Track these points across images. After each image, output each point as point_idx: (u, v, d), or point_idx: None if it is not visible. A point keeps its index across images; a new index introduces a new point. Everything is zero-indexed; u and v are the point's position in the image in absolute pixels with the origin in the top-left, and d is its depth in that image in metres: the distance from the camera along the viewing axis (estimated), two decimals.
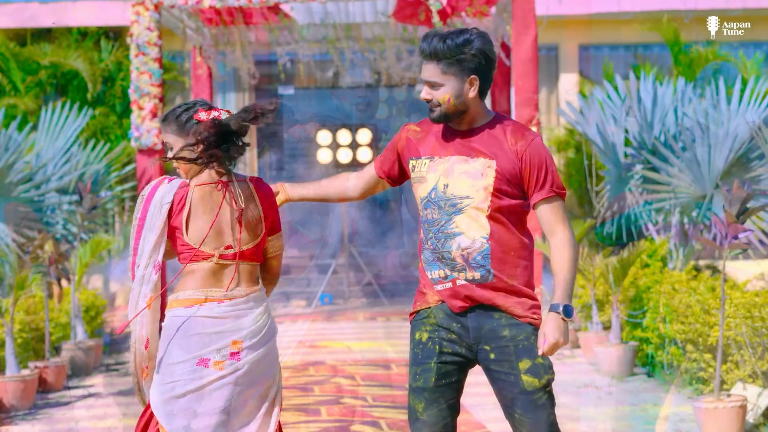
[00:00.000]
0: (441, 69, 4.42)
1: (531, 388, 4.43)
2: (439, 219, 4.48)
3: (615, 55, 21.20)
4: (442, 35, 4.42)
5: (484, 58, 4.43)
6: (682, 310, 8.84)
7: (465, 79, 4.43)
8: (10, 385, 9.05)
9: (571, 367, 10.75)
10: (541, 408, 4.44)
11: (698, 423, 7.59)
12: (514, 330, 4.45)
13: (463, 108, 4.47)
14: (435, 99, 4.46)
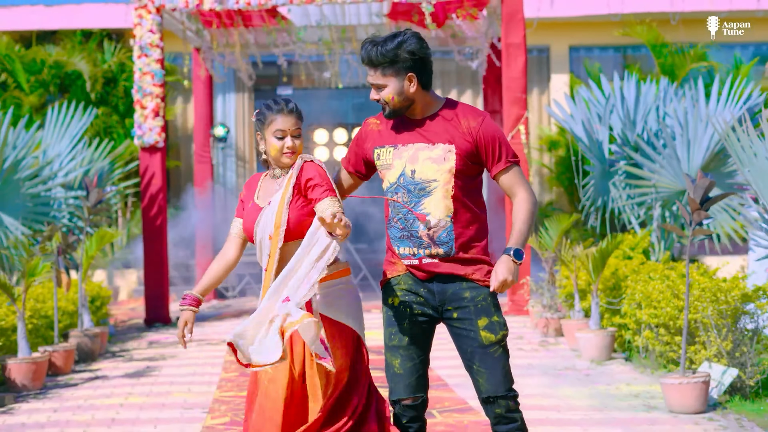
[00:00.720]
0: (380, 72, 5.01)
1: (488, 342, 5.02)
2: (409, 201, 5.04)
3: (604, 56, 21.73)
4: (377, 42, 4.99)
5: (418, 56, 4.99)
6: (655, 295, 9.37)
7: (403, 78, 5.00)
8: (22, 366, 9.60)
9: (554, 353, 11.28)
10: (497, 360, 5.03)
11: (665, 398, 8.13)
12: (474, 292, 5.04)
13: (408, 102, 5.04)
14: (382, 99, 5.04)
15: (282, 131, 5.05)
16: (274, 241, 5.00)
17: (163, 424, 8.02)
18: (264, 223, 5.05)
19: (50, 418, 8.37)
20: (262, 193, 5.18)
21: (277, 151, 5.06)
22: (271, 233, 5.01)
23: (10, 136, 13.31)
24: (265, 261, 5.03)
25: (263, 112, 5.11)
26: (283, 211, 5.01)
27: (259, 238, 5.07)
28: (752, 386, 8.45)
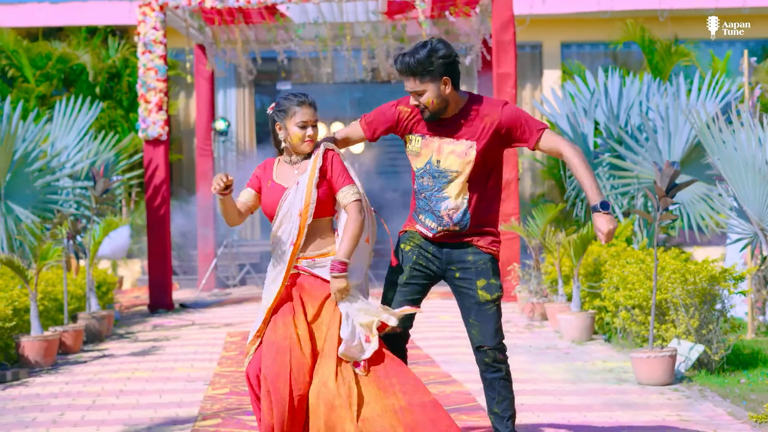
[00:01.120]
0: (418, 80, 5.68)
1: (483, 300, 5.80)
2: (433, 185, 5.83)
3: (596, 52, 22.31)
4: (410, 53, 5.67)
5: (450, 61, 5.69)
6: (631, 278, 9.95)
7: (439, 82, 5.68)
8: (35, 344, 10.21)
9: (538, 335, 11.87)
10: (490, 316, 5.83)
11: (635, 371, 8.73)
12: (476, 257, 5.83)
13: (445, 104, 5.74)
14: (421, 104, 5.72)
15: (304, 122, 5.66)
16: (304, 217, 5.63)
17: (167, 394, 8.64)
18: (291, 201, 5.66)
19: (62, 389, 8.98)
20: (280, 175, 5.77)
21: (299, 140, 5.66)
22: (301, 210, 5.63)
23: (20, 129, 13.93)
24: (294, 235, 5.65)
25: (285, 104, 5.70)
26: (312, 191, 5.62)
27: (284, 214, 5.67)
28: (717, 361, 9.06)
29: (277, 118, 5.73)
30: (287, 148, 5.76)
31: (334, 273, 5.56)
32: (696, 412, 7.55)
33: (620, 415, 7.45)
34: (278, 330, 5.56)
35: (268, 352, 5.52)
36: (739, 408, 7.60)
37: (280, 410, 5.40)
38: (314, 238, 5.70)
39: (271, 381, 5.43)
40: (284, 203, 5.68)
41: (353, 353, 5.56)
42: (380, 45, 18.28)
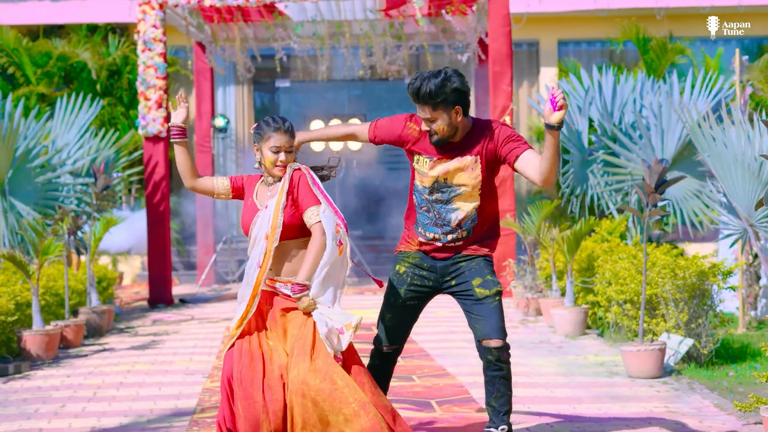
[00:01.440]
0: (431, 108, 5.96)
1: (482, 296, 6.05)
2: (442, 198, 6.12)
3: (592, 50, 22.46)
4: (425, 81, 5.90)
5: (462, 91, 5.98)
6: (622, 273, 10.12)
7: (451, 110, 5.97)
8: (36, 338, 10.39)
9: (532, 330, 12.05)
10: (493, 309, 6.06)
11: (625, 365, 8.91)
12: (468, 262, 6.14)
13: (455, 131, 6.03)
14: (432, 129, 6.00)
15: (277, 147, 5.85)
16: (270, 240, 5.81)
17: (166, 386, 8.81)
18: (260, 224, 5.85)
19: (63, 382, 9.16)
20: (258, 196, 5.99)
21: (271, 164, 5.87)
22: (268, 233, 5.81)
23: (21, 126, 14.11)
24: (261, 258, 5.81)
25: (263, 128, 5.90)
26: (278, 215, 5.81)
27: (255, 235, 5.87)
28: (706, 355, 9.24)
29: (255, 139, 5.94)
30: (263, 170, 5.97)
31: (295, 295, 5.71)
32: (683, 404, 7.73)
33: (609, 407, 7.62)
34: (252, 341, 5.79)
35: (241, 358, 5.72)
36: (726, 400, 7.77)
37: (253, 415, 5.59)
38: (285, 260, 5.86)
39: (245, 387, 5.64)
40: (255, 226, 5.88)
41: (331, 343, 5.71)
42: (378, 43, 18.43)
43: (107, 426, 7.34)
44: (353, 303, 14.88)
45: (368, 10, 17.67)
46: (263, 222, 5.83)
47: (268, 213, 5.83)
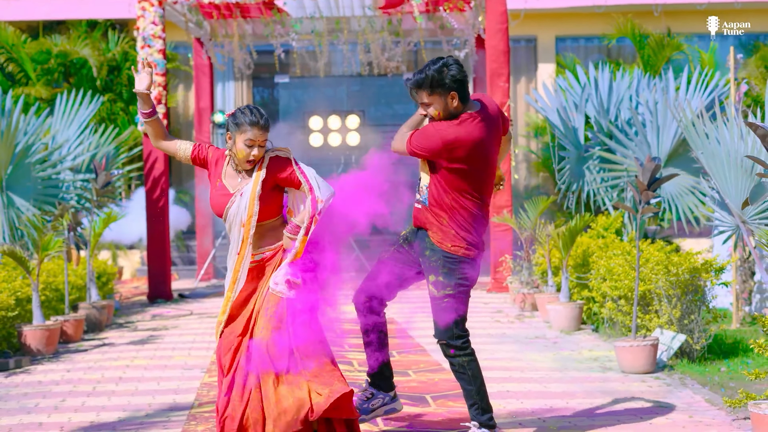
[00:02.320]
0: (427, 93, 6.19)
1: (433, 295, 6.25)
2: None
3: (590, 46, 22.55)
4: (424, 68, 6.17)
5: (459, 78, 6.17)
6: (617, 269, 10.22)
7: (446, 96, 6.16)
8: (37, 333, 10.50)
9: (528, 325, 12.15)
10: (443, 310, 6.23)
11: (618, 360, 9.02)
12: (431, 252, 6.28)
13: (449, 116, 6.19)
14: (429, 114, 6.22)
15: (252, 141, 5.92)
16: (247, 228, 5.96)
17: (165, 381, 8.92)
18: (235, 211, 5.96)
19: (63, 377, 9.27)
20: (227, 178, 6.05)
21: (243, 157, 5.94)
22: (244, 221, 5.94)
23: (21, 122, 14.22)
24: (238, 245, 5.96)
25: (240, 119, 5.93)
26: (255, 205, 5.94)
27: (230, 222, 5.99)
28: (699, 350, 9.35)
29: (231, 128, 5.98)
30: (233, 157, 6.03)
31: (288, 233, 5.94)
32: (675, 399, 7.84)
33: (601, 402, 7.73)
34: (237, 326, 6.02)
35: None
36: (717, 395, 7.88)
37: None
38: (265, 237, 6.02)
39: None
40: (230, 211, 5.98)
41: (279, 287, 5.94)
42: (376, 39, 18.51)
43: (106, 420, 7.45)
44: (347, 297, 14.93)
45: (366, 7, 17.74)
46: (239, 209, 5.94)
47: (244, 201, 5.93)
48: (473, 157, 6.15)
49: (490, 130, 6.21)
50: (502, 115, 6.40)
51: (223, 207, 5.99)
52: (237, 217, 5.96)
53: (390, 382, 6.79)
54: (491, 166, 6.30)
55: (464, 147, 6.11)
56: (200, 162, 6.14)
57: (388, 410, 6.80)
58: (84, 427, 7.26)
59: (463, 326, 6.32)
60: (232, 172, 6.06)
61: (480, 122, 6.16)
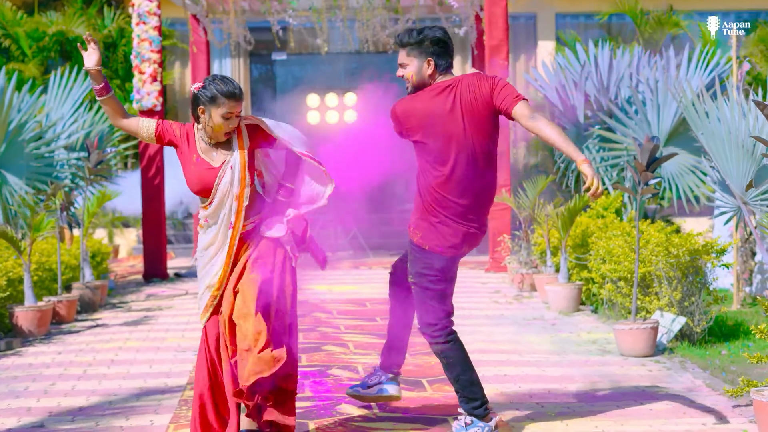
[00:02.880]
0: (406, 53, 6.09)
1: (408, 281, 6.24)
2: None
3: (590, 24, 22.34)
4: (409, 29, 6.11)
5: (439, 45, 6.05)
6: (616, 251, 10.09)
7: (423, 60, 6.04)
8: (28, 313, 10.36)
9: (526, 306, 12.03)
10: (415, 297, 6.23)
11: (617, 343, 8.89)
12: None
13: (423, 83, 6.06)
14: (404, 75, 6.10)
15: (230, 113, 5.76)
16: (241, 200, 5.82)
17: (157, 364, 8.79)
18: (227, 184, 5.80)
19: (54, 359, 9.14)
20: (204, 152, 5.88)
21: (220, 129, 5.78)
22: (237, 194, 5.80)
23: (15, 100, 14.05)
24: (233, 218, 5.82)
25: (213, 92, 5.73)
26: (247, 174, 5.82)
27: (221, 195, 5.82)
28: (699, 333, 9.22)
29: (203, 101, 5.78)
30: (206, 131, 5.85)
31: (281, 196, 5.96)
32: (675, 383, 7.71)
33: (600, 387, 7.61)
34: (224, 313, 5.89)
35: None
36: (718, 379, 7.76)
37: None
38: (249, 208, 5.91)
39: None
40: (220, 186, 5.82)
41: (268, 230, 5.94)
42: (374, 16, 18.33)
43: (96, 404, 7.33)
44: (345, 277, 14.86)
45: None
46: (234, 181, 5.81)
47: (236, 172, 5.80)
48: (428, 128, 5.94)
49: (455, 106, 5.92)
50: (498, 93, 5.93)
51: (209, 182, 5.82)
52: (231, 190, 5.82)
53: (395, 362, 6.71)
54: (457, 146, 5.93)
55: (416, 116, 5.96)
56: (167, 139, 5.93)
57: (381, 390, 6.65)
58: (73, 412, 7.13)
59: (434, 315, 6.15)
60: (205, 146, 5.89)
61: (441, 93, 5.96)
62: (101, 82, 5.85)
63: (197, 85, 5.81)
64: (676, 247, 9.32)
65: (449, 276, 6.15)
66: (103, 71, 8.02)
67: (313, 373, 8.09)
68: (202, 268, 5.97)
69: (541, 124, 5.83)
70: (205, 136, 5.88)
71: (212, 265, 5.91)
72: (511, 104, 5.86)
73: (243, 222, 5.88)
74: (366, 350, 9.11)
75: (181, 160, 5.91)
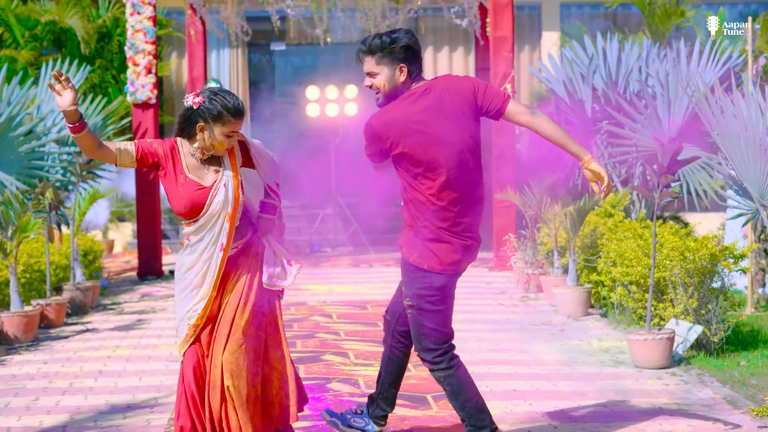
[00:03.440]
0: (376, 61, 5.61)
1: (403, 304, 5.80)
2: None
3: (595, 14, 21.89)
4: (376, 35, 5.62)
5: (410, 51, 5.61)
6: (628, 254, 9.66)
7: (395, 67, 5.59)
8: (14, 319, 9.92)
9: (533, 309, 11.60)
10: (411, 321, 5.76)
11: (631, 354, 8.46)
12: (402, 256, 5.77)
13: (395, 91, 5.62)
14: (374, 85, 5.64)
15: (233, 132, 5.38)
16: (233, 220, 5.41)
17: (147, 376, 8.35)
18: (219, 203, 5.39)
19: (40, 369, 8.69)
20: (192, 171, 5.45)
21: (223, 147, 5.39)
22: (230, 212, 5.40)
23: (5, 92, 13.58)
24: (223, 239, 5.37)
25: (219, 110, 5.32)
26: (239, 194, 5.43)
27: (212, 215, 5.40)
28: (716, 342, 8.78)
29: (205, 118, 5.35)
30: (201, 147, 5.42)
31: (265, 214, 5.59)
32: (694, 399, 7.30)
33: (615, 403, 7.19)
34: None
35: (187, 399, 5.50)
36: (739, 394, 7.35)
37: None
38: (237, 228, 5.54)
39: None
40: (212, 205, 5.41)
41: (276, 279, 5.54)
42: (375, 6, 17.90)
43: (82, 421, 6.92)
44: (345, 277, 14.45)
45: None
46: (227, 200, 5.40)
47: (229, 192, 5.40)
48: (413, 136, 5.51)
49: (436, 108, 5.55)
50: (483, 94, 5.64)
51: (200, 203, 5.39)
52: (224, 209, 5.40)
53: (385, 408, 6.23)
54: (447, 150, 5.55)
55: (398, 126, 5.52)
56: (151, 161, 5.44)
57: None
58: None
59: (434, 339, 5.71)
60: (194, 163, 5.47)
61: (419, 99, 5.57)
62: (77, 121, 5.31)
63: (195, 99, 5.35)
64: (692, 251, 8.90)
65: (449, 294, 5.77)
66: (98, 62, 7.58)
67: (311, 387, 7.64)
68: (181, 293, 5.51)
69: (542, 120, 5.61)
70: (196, 152, 5.44)
71: (195, 293, 5.46)
72: (503, 103, 5.61)
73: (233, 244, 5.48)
74: (367, 360, 8.69)
75: (164, 182, 5.47)
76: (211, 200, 5.38)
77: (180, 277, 5.52)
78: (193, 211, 5.40)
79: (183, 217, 5.45)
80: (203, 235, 5.42)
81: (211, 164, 5.45)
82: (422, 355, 5.73)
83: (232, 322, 5.42)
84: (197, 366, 5.43)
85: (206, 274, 5.44)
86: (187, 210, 5.40)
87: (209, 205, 5.38)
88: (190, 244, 5.47)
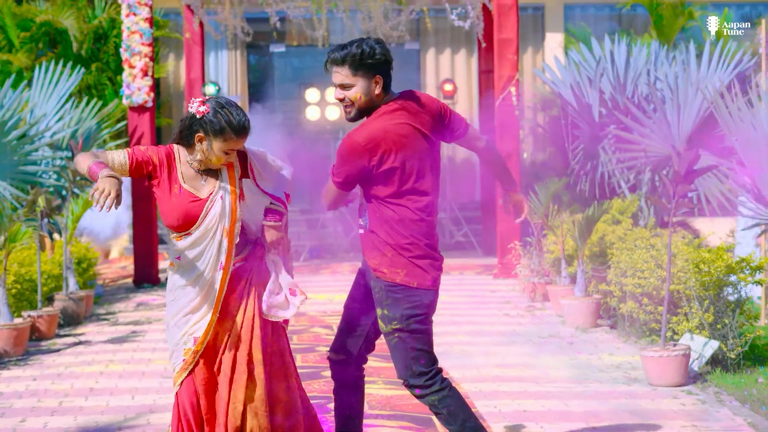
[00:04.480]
0: (351, 72, 5.14)
1: (383, 331, 5.33)
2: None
3: (600, 14, 21.56)
4: (349, 44, 5.17)
5: (385, 61, 5.18)
6: (640, 265, 9.32)
7: (371, 79, 5.15)
8: (3, 332, 9.56)
9: (540, 319, 11.27)
10: (395, 348, 5.30)
11: (645, 371, 8.11)
12: (374, 283, 5.33)
13: (370, 104, 5.20)
14: (347, 98, 5.18)
15: (233, 150, 5.07)
16: (231, 236, 5.06)
17: (140, 394, 7.99)
18: (215, 216, 5.04)
19: (29, 387, 8.33)
20: (188, 181, 5.10)
21: (218, 163, 5.08)
22: (227, 228, 5.03)
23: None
24: (223, 258, 5.04)
25: (222, 125, 4.99)
26: (237, 208, 5.09)
27: (207, 229, 5.06)
28: (733, 358, 8.42)
29: (206, 129, 5.01)
30: (199, 160, 5.08)
31: (271, 222, 5.23)
32: (713, 422, 6.95)
33: (630, 426, 6.84)
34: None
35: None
36: (760, 416, 7.02)
37: None
38: (237, 244, 5.21)
39: None
40: (207, 218, 5.07)
41: (277, 309, 5.19)
42: (377, 7, 17.58)
43: None
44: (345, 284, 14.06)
45: None
46: (224, 214, 5.07)
47: (226, 205, 5.07)
48: (403, 149, 5.17)
49: (417, 122, 5.24)
50: (450, 116, 5.43)
51: (194, 215, 5.03)
52: (220, 223, 5.06)
53: None
54: (429, 164, 5.28)
55: (386, 139, 5.14)
56: (146, 170, 5.08)
57: None
58: None
59: (424, 361, 5.29)
60: (191, 173, 5.11)
61: (396, 111, 5.20)
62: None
63: (200, 108, 5.00)
64: (707, 263, 8.55)
65: (433, 311, 5.39)
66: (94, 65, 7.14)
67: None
68: (173, 317, 5.15)
69: (490, 149, 5.65)
70: (193, 161, 5.09)
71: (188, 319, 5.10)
72: (465, 128, 5.50)
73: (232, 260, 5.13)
74: (370, 377, 8.30)
75: (157, 192, 5.11)
76: (206, 213, 5.03)
77: (172, 299, 5.16)
78: (186, 224, 5.05)
79: (174, 230, 5.09)
80: (200, 254, 5.06)
81: (209, 174, 5.11)
82: (412, 381, 5.30)
83: (236, 356, 5.10)
84: (195, 402, 5.07)
85: (206, 297, 5.08)
86: (180, 223, 5.05)
87: (204, 217, 5.03)
88: (181, 264, 5.11)
